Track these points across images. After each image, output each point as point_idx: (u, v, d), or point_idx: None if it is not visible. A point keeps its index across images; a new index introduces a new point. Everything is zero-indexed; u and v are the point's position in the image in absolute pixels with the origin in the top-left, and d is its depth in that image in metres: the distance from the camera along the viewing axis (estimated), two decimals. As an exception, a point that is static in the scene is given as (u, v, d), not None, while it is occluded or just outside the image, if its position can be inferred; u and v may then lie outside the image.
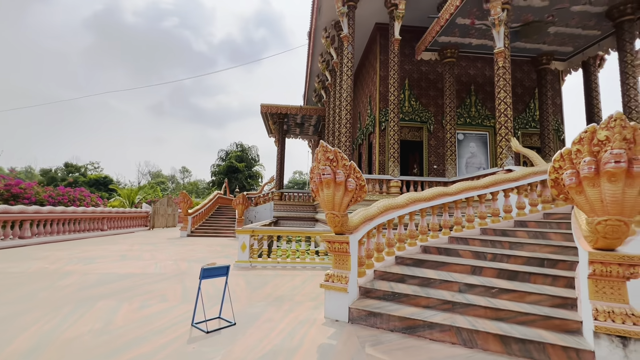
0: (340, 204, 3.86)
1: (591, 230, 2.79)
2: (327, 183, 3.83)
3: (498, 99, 8.52)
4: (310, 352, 2.95)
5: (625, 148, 2.49)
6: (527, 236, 5.18)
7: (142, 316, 3.79)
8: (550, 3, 8.87)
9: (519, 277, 3.98)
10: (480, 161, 12.81)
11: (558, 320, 3.14)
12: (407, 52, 12.76)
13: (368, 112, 13.68)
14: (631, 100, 8.98)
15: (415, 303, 3.82)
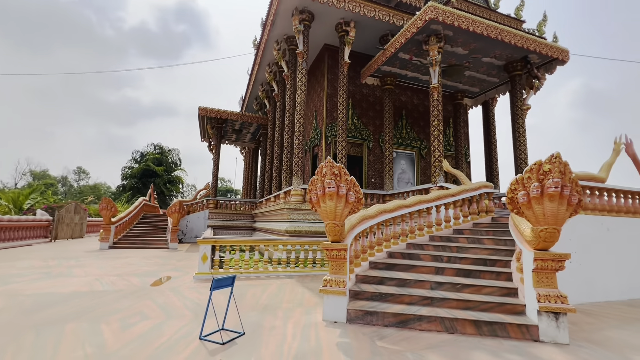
0: (341, 214, 4.27)
1: (535, 236, 3.83)
2: (330, 195, 4.20)
3: (433, 126, 10.11)
4: (333, 351, 3.24)
5: (561, 178, 3.56)
6: (467, 242, 6.38)
7: (135, 336, 3.49)
8: (469, 52, 11.00)
9: (472, 274, 4.98)
10: (409, 177, 14.66)
11: (509, 306, 4.12)
12: (351, 74, 13.90)
13: (313, 125, 14.35)
14: (520, 136, 11.70)
15: (400, 301, 4.44)
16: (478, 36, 9.80)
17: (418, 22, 9.38)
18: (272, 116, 16.97)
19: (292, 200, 10.54)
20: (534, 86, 11.72)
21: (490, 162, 14.69)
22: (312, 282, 6.75)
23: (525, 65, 11.51)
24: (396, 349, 3.33)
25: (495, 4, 16.04)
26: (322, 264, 8.03)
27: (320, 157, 13.28)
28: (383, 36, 12.88)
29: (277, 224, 11.42)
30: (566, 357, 3.22)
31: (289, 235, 10.05)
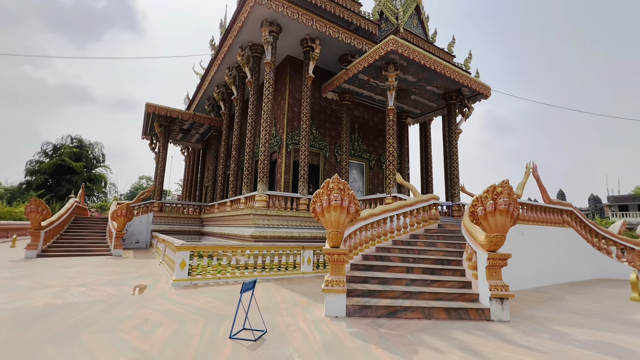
0: (343, 223, 4.96)
1: (488, 240, 5.06)
2: (334, 207, 4.86)
3: (388, 143, 11.46)
4: (351, 339, 3.90)
5: (508, 197, 4.83)
6: (424, 245, 7.63)
7: (164, 340, 3.64)
8: (417, 80, 12.75)
9: (435, 272, 6.13)
10: (359, 186, 15.99)
11: (467, 295, 5.30)
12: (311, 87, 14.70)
13: (273, 132, 14.69)
14: (454, 155, 13.90)
15: (386, 296, 5.31)
16: (426, 68, 11.49)
17: (380, 51, 10.63)
18: (227, 119, 16.74)
19: (257, 206, 10.79)
20: (465, 114, 14.06)
21: (427, 175, 16.91)
22: (291, 284, 7.25)
23: (458, 96, 13.76)
24: (396, 334, 4.14)
25: (432, 38, 18.59)
26: (295, 267, 8.55)
27: (280, 164, 13.71)
28: (342, 55, 13.98)
29: (239, 229, 11.50)
30: (512, 330, 4.43)
31: (254, 240, 10.30)
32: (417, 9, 18.18)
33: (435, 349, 3.66)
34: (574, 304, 6.21)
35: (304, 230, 11.44)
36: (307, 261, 8.65)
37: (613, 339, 4.18)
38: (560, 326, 4.67)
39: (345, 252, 5.11)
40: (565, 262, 8.97)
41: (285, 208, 11.48)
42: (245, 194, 12.31)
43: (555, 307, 5.90)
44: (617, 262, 9.99)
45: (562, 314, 5.41)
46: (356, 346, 3.67)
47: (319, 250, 9.02)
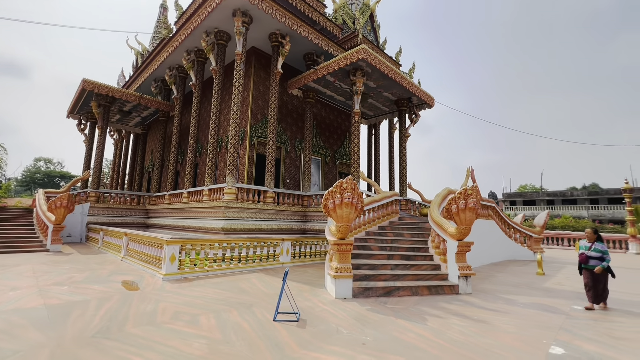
0: (352, 218, 5.70)
1: (458, 231, 6.40)
2: (347, 204, 5.57)
3: (353, 143, 12.49)
4: (372, 314, 4.72)
5: (477, 198, 6.18)
6: (393, 235, 8.86)
7: (217, 326, 3.92)
8: (376, 86, 14.03)
9: (410, 258, 7.34)
10: (316, 180, 16.83)
11: (440, 275, 6.59)
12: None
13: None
14: (403, 155, 15.70)
15: (379, 279, 6.27)
16: (387, 77, 12.79)
17: (352, 58, 11.49)
18: (180, 105, 15.77)
19: (227, 199, 10.78)
20: (413, 120, 15.95)
21: (376, 172, 18.61)
22: (278, 274, 7.73)
23: (409, 103, 15.53)
24: (400, 307, 5.11)
25: (383, 45, 20.25)
26: (274, 257, 8.99)
27: (243, 156, 13.68)
28: (308, 54, 14.49)
29: (205, 221, 11.30)
30: (477, 300, 5.81)
31: (224, 233, 10.36)
32: (371, 16, 19.55)
33: (436, 316, 4.72)
34: (504, 278, 8.12)
35: (272, 222, 11.83)
36: (286, 252, 9.17)
37: (540, 300, 5.86)
38: (505, 294, 6.25)
39: (352, 242, 5.88)
40: (489, 247, 11.27)
41: (252, 201, 11.65)
42: (209, 185, 12.06)
43: (494, 281, 7.67)
44: (521, 247, 12.87)
45: (500, 286, 7.12)
46: (379, 318, 4.51)
47: (295, 241, 9.59)
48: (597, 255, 5.31)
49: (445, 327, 4.23)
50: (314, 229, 12.54)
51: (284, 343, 3.52)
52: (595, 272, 5.23)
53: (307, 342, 3.58)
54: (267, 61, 14.27)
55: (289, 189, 14.91)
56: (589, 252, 5.39)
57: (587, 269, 5.41)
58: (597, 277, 5.28)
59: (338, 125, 17.96)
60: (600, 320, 4.75)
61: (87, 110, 17.09)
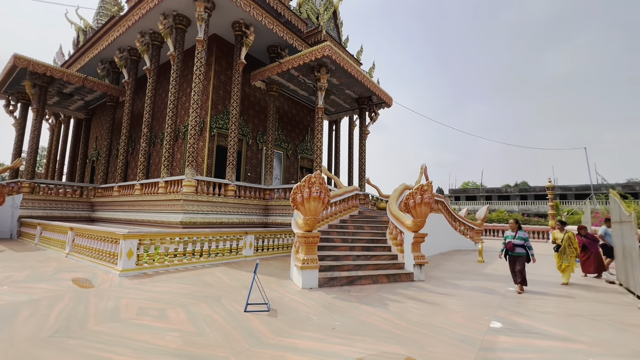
0: (319, 211, 5.93)
1: (414, 224, 6.97)
2: (314, 198, 5.79)
3: (316, 138, 12.71)
4: (338, 301, 5.01)
5: (431, 194, 6.77)
6: (354, 228, 9.29)
7: (188, 319, 3.91)
8: (339, 84, 14.37)
9: (371, 249, 7.81)
10: (277, 173, 16.82)
11: (397, 264, 7.14)
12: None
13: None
14: (363, 152, 16.32)
15: (342, 269, 6.61)
16: (350, 75, 13.18)
17: (317, 54, 11.64)
18: (131, 90, 14.66)
19: (186, 192, 10.40)
20: (372, 118, 16.62)
21: (336, 167, 19.09)
22: (242, 267, 7.73)
23: (369, 102, 16.15)
24: (362, 295, 5.49)
25: (345, 43, 20.66)
26: (237, 251, 8.94)
27: (202, 148, 13.22)
28: (272, 46, 14.33)
29: (162, 215, 10.79)
30: (430, 285, 6.43)
31: (183, 227, 10.03)
32: (334, 13, 19.80)
33: (395, 301, 5.17)
34: (451, 266, 8.99)
35: (234, 216, 11.67)
36: (249, 245, 9.16)
37: (481, 284, 6.65)
38: (453, 280, 6.99)
39: (319, 235, 6.12)
40: (438, 239, 12.31)
41: (213, 194, 11.36)
42: (166, 177, 11.50)
43: (443, 269, 8.48)
44: (465, 238, 14.23)
45: (448, 273, 7.90)
46: (345, 305, 4.82)
47: (259, 234, 9.61)
48: (521, 242, 6.13)
49: (404, 310, 4.68)
50: (276, 222, 12.61)
51: (259, 331, 3.65)
52: (521, 257, 6.05)
53: (280, 329, 3.75)
54: (230, 50, 13.85)
55: (250, 182, 14.73)
56: (514, 240, 6.19)
57: (514, 255, 6.19)
58: (522, 263, 6.07)
59: (300, 119, 18.05)
60: (528, 299, 5.58)
61: (19, 90, 15.11)
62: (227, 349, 3.18)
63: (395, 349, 3.30)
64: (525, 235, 6.21)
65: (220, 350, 3.15)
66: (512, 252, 6.19)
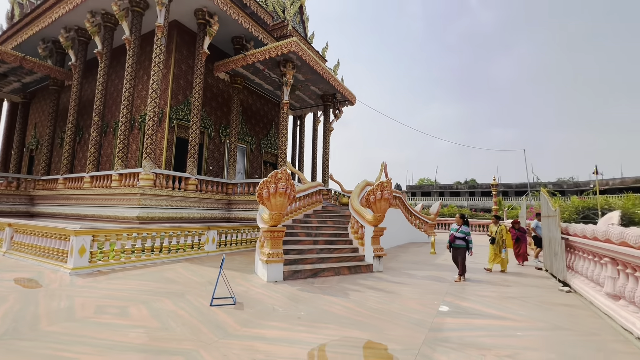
0: (285, 206, 6.07)
1: (374, 218, 7.39)
2: (280, 194, 5.91)
3: (281, 134, 12.74)
4: (302, 293, 5.22)
5: (390, 190, 7.22)
6: (317, 223, 9.56)
7: (151, 315, 3.87)
8: (304, 80, 14.47)
9: (333, 242, 8.12)
10: (240, 167, 16.56)
11: (358, 257, 7.53)
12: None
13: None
14: (327, 148, 16.61)
15: (306, 262, 6.83)
16: (316, 72, 13.36)
17: (283, 49, 11.63)
18: (79, 74, 13.48)
19: (143, 185, 9.93)
20: (336, 115, 16.96)
21: (300, 162, 19.23)
22: (205, 263, 7.65)
23: (333, 99, 16.46)
24: (325, 286, 5.77)
25: (310, 39, 20.76)
26: (199, 247, 8.77)
27: (161, 139, 12.63)
28: (237, 37, 14.01)
29: (116, 209, 10.19)
30: (387, 276, 6.89)
31: (139, 222, 9.59)
32: (300, 8, 19.77)
33: (356, 290, 5.51)
34: (406, 258, 9.65)
35: (195, 210, 11.36)
36: (211, 240, 9.03)
37: (433, 273, 7.28)
38: (408, 270, 7.55)
39: (284, 229, 6.26)
40: (396, 232, 13.05)
41: (172, 188, 10.96)
42: (120, 170, 10.86)
43: (399, 260, 9.08)
44: (419, 231, 15.21)
45: (404, 264, 8.50)
46: (310, 296, 5.05)
47: (222, 229, 9.50)
48: (462, 235, 6.72)
49: (364, 298, 5.02)
50: (239, 217, 12.49)
51: (226, 324, 3.74)
52: (461, 249, 6.61)
53: (247, 321, 3.87)
54: (192, 38, 13.30)
55: (212, 177, 14.37)
56: (456, 233, 6.75)
57: (454, 246, 6.76)
58: (462, 254, 6.63)
59: (265, 113, 17.88)
60: (471, 285, 6.24)
61: (-64, 65, 13.16)
62: (195, 341, 3.24)
63: (356, 334, 3.59)
64: (467, 230, 6.82)
65: (187, 343, 3.21)
66: (453, 243, 6.74)
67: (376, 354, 3.15)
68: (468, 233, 6.77)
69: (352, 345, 3.30)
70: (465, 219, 6.95)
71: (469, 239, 6.73)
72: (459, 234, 6.72)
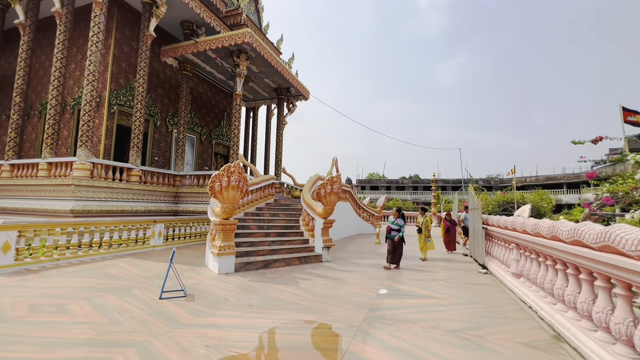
0: (238, 199, 6.16)
1: (324, 211, 7.81)
2: (233, 187, 5.99)
3: (234, 125, 12.52)
4: (254, 283, 5.42)
5: (339, 184, 7.67)
6: (269, 216, 9.72)
7: (97, 312, 3.78)
8: (258, 72, 14.31)
9: (285, 235, 8.39)
10: (189, 159, 15.90)
11: (308, 248, 7.90)
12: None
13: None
14: (280, 141, 16.66)
15: (258, 254, 7.01)
16: (270, 65, 13.32)
17: (237, 39, 11.40)
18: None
19: (79, 176, 9.15)
20: (290, 109, 17.07)
21: (252, 155, 19.02)
22: (151, 258, 7.40)
23: (287, 93, 16.53)
24: (277, 276, 6.03)
25: (265, 30, 20.47)
26: (144, 241, 8.41)
27: (98, 126, 11.64)
28: (186, 21, 13.33)
29: (45, 202, 9.24)
30: (335, 265, 7.37)
31: (73, 215, 8.88)
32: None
33: (305, 279, 5.87)
34: (353, 248, 10.30)
35: (139, 203, 10.76)
36: (158, 234, 8.70)
37: (376, 261, 7.94)
38: (354, 259, 8.13)
39: (236, 222, 6.34)
40: (345, 224, 13.74)
41: (113, 179, 10.24)
42: (49, 158, 9.83)
43: (347, 250, 9.67)
44: (366, 223, 16.15)
45: (351, 253, 9.10)
46: (261, 286, 5.28)
47: (169, 223, 9.19)
48: (397, 227, 7.33)
49: (312, 286, 5.39)
50: (187, 210, 12.10)
51: (178, 315, 3.81)
52: (395, 240, 7.22)
53: (199, 311, 3.98)
54: (136, 18, 12.36)
55: (158, 168, 13.65)
56: (392, 225, 7.38)
57: (389, 238, 7.34)
58: (396, 245, 7.19)
59: (216, 103, 17.32)
60: (408, 271, 6.99)
61: None
62: (146, 333, 3.29)
63: (304, 317, 3.92)
64: (402, 223, 7.42)
65: (138, 335, 3.25)
66: (389, 235, 7.35)
67: (321, 333, 3.51)
68: (402, 225, 7.42)
69: (300, 327, 3.62)
70: (401, 213, 7.58)
71: (403, 230, 7.32)
72: (394, 226, 7.39)
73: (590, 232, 2.84)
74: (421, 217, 8.85)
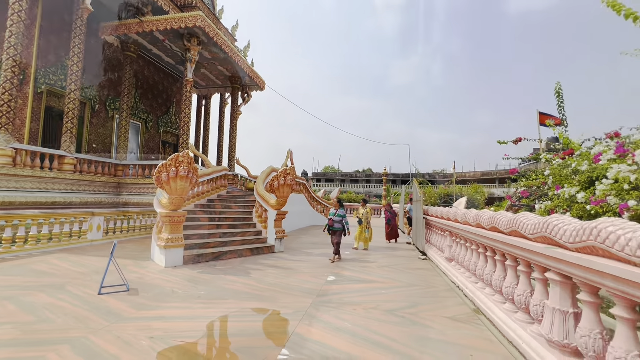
0: (187, 191, 5.97)
1: (277, 202, 7.88)
2: (181, 177, 5.80)
3: (184, 113, 11.91)
4: (203, 275, 5.35)
5: (293, 176, 7.78)
6: (221, 207, 9.52)
7: (31, 309, 3.49)
8: (211, 58, 13.70)
9: (237, 226, 8.31)
10: (133, 147, 14.79)
11: (261, 239, 7.93)
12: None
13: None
14: (234, 131, 16.19)
15: (209, 246, 6.88)
16: (223, 51, 12.84)
17: (187, 22, 10.80)
18: None
19: (-3, 163, 8.10)
20: (245, 99, 16.64)
21: (204, 145, 18.26)
22: (88, 252, 6.90)
23: (241, 82, 16.09)
24: (227, 267, 6.01)
25: (219, 14, 19.59)
26: (81, 235, 7.76)
27: (23, 107, 10.32)
28: None
29: (-48, 192, 8.02)
30: (287, 255, 7.52)
31: (-9, 207, 7.87)
32: (208, -22, 18.34)
33: (257, 269, 5.93)
34: (306, 239, 10.54)
35: (73, 194, 9.83)
36: (96, 228, 8.08)
37: (326, 251, 8.23)
38: (306, 249, 8.36)
39: (185, 214, 6.15)
40: (299, 216, 13.92)
41: (41, 167, 9.22)
42: (-42, 142, 8.51)
43: (299, 241, 9.87)
44: (320, 215, 16.52)
45: (304, 244, 9.32)
46: (210, 277, 5.23)
47: (109, 216, 8.57)
48: (339, 219, 7.20)
49: (264, 275, 5.49)
50: (131, 202, 11.34)
51: (119, 309, 3.67)
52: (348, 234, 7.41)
53: (143, 305, 3.86)
54: (68, -12, 11.05)
55: (96, 156, 12.53)
56: (334, 217, 7.19)
57: (332, 229, 7.14)
58: (338, 236, 7.08)
59: (164, 88, 16.27)
60: (355, 259, 7.40)
61: None
62: (83, 329, 3.14)
63: (254, 305, 4.02)
64: (343, 213, 7.35)
65: (73, 331, 3.09)
66: (332, 227, 7.18)
67: (270, 318, 3.64)
68: (344, 216, 7.29)
69: (249, 314, 3.72)
70: (341, 203, 7.46)
71: (346, 220, 7.30)
72: (336, 217, 7.17)
73: (502, 219, 3.32)
74: (362, 209, 9.18)
